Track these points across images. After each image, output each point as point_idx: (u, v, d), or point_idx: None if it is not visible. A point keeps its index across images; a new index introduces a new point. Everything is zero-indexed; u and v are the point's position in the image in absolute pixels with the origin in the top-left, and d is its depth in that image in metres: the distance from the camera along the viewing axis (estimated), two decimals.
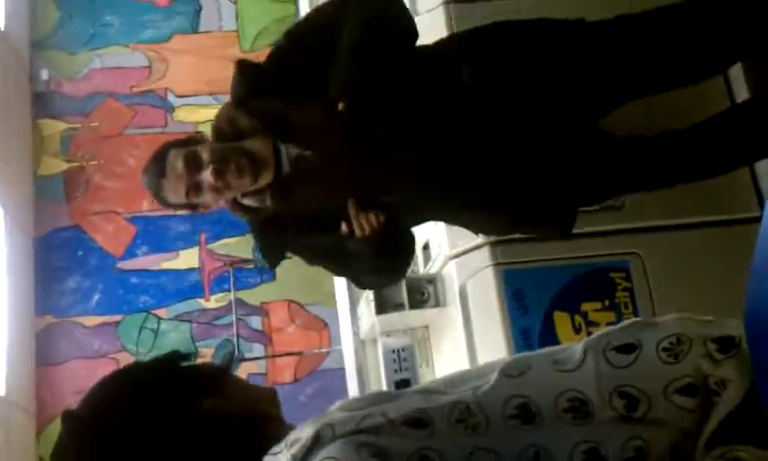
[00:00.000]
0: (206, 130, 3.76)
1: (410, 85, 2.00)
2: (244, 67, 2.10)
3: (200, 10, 4.34)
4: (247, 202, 2.08)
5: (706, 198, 2.45)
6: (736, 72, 2.60)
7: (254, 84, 2.06)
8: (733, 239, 2.41)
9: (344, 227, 1.97)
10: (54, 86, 4.17)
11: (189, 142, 2.01)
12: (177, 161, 1.96)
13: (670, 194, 2.23)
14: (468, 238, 2.57)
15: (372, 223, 1.96)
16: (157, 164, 1.99)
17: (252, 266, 3.88)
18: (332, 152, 1.99)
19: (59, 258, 3.89)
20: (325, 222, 2.03)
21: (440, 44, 2.18)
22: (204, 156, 1.96)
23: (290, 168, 2.00)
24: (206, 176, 1.94)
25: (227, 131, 2.04)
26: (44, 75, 4.19)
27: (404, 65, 2.00)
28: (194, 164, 1.95)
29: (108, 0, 4.30)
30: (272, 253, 2.18)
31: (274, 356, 3.77)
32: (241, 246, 3.88)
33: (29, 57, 4.18)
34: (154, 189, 2.01)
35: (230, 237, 3.91)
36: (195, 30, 4.31)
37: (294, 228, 2.10)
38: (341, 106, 1.91)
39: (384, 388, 3.06)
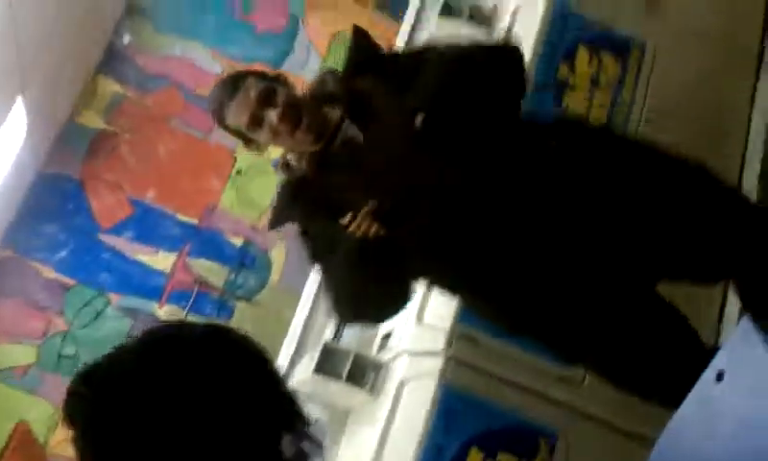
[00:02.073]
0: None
1: (492, 135, 1.96)
2: (358, 36, 2.10)
3: (290, 51, 4.37)
4: (289, 156, 2.05)
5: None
6: None
7: (361, 57, 2.07)
8: None
9: (348, 216, 1.87)
10: (129, 53, 4.20)
11: (271, 78, 2.00)
12: (251, 89, 1.94)
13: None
14: (430, 342, 2.53)
15: (370, 229, 1.85)
16: (232, 84, 1.97)
17: (216, 296, 3.75)
18: (384, 153, 1.95)
19: (49, 201, 3.82)
20: (336, 210, 1.93)
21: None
22: (280, 97, 1.93)
23: (339, 144, 1.96)
24: (272, 115, 1.91)
25: (314, 90, 2.05)
26: (126, 39, 4.23)
27: (495, 116, 1.97)
28: (266, 99, 1.93)
29: (215, 2, 4.36)
30: (278, 214, 2.12)
31: None
32: (218, 273, 3.78)
33: (121, 16, 4.24)
34: (216, 104, 1.99)
35: (212, 261, 3.80)
36: (277, 66, 4.31)
37: (307, 201, 2.03)
38: (418, 119, 1.88)
39: None
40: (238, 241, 3.86)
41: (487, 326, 2.37)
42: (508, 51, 2.08)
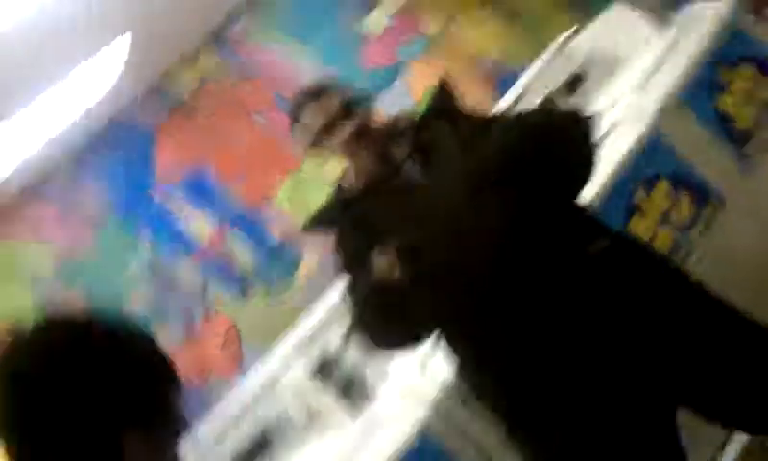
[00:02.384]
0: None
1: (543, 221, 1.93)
2: (442, 87, 2.15)
3: (387, 88, 4.44)
4: (348, 172, 2.09)
5: None
6: None
7: (440, 106, 2.12)
8: None
9: (390, 252, 1.83)
10: (236, 37, 4.32)
11: (357, 96, 2.07)
12: (335, 97, 2.01)
13: None
14: (424, 388, 2.49)
15: (388, 266, 1.82)
16: (319, 86, 2.05)
17: (240, 275, 3.82)
18: (438, 203, 1.95)
19: (120, 141, 3.94)
20: (375, 237, 1.92)
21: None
22: (359, 115, 2.01)
23: (399, 179, 2.00)
24: (346, 129, 1.97)
25: (389, 123, 2.09)
26: (238, 26, 4.34)
27: (560, 186, 1.96)
28: (345, 111, 1.99)
29: (338, 20, 4.47)
30: (319, 217, 2.14)
31: None
32: (249, 258, 3.88)
33: (240, 1, 4.36)
34: (299, 99, 2.05)
35: (248, 244, 3.91)
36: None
37: (353, 218, 2.04)
38: (487, 178, 1.90)
39: None
40: (278, 237, 3.92)
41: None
42: (576, 121, 2.07)
